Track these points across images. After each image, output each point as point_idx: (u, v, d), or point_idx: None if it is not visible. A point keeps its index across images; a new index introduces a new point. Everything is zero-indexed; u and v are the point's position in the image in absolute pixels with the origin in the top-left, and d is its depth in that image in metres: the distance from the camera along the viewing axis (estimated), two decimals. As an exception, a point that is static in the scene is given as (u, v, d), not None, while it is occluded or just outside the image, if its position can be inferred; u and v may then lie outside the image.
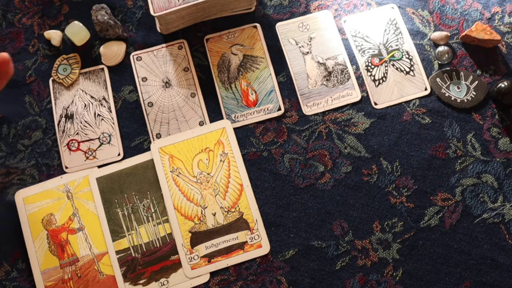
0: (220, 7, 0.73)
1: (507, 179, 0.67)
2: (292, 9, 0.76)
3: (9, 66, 0.60)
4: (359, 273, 0.64)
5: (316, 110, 0.71)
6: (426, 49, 0.73)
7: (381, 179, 0.68)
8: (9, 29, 0.75)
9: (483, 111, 0.70)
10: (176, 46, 0.74)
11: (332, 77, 0.72)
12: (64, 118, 0.71)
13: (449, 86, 0.71)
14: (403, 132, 0.69)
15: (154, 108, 0.71)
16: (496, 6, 0.75)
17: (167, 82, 0.72)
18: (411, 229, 0.66)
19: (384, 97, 0.71)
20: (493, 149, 0.68)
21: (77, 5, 0.76)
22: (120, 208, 0.67)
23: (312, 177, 0.68)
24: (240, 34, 0.74)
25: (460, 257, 0.64)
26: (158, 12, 0.69)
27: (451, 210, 0.66)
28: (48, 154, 0.70)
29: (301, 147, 0.69)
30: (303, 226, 0.66)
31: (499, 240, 0.65)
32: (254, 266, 0.65)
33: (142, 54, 0.74)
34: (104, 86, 0.72)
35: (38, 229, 0.66)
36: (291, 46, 0.74)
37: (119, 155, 0.69)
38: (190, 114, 0.71)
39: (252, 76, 0.73)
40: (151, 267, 0.65)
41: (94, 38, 0.75)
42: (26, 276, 0.65)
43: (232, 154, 0.69)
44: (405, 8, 0.75)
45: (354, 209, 0.67)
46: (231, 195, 0.67)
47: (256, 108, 0.71)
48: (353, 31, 0.74)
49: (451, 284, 0.63)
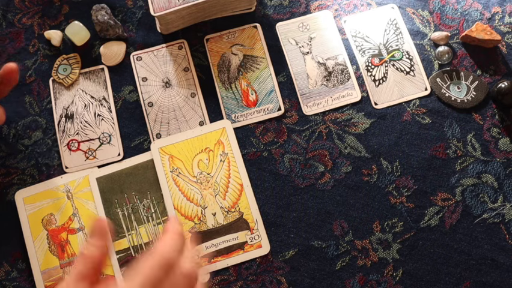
0: (220, 7, 0.73)
1: (507, 179, 0.67)
2: (292, 9, 0.76)
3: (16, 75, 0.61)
4: (359, 273, 0.64)
5: (317, 110, 0.71)
6: (426, 49, 0.73)
7: (381, 179, 0.68)
8: (9, 29, 0.75)
9: (483, 111, 0.70)
10: (177, 46, 0.74)
11: (332, 77, 0.72)
12: (64, 118, 0.71)
13: (449, 86, 0.71)
14: (403, 132, 0.69)
15: (154, 108, 0.71)
16: (496, 7, 0.75)
17: (168, 82, 0.72)
18: (411, 229, 0.66)
19: (384, 97, 0.71)
20: (493, 149, 0.68)
21: (77, 5, 0.76)
22: (120, 208, 0.67)
23: (312, 177, 0.68)
24: (240, 34, 0.74)
25: (460, 257, 0.64)
26: (159, 12, 0.69)
27: (451, 210, 0.66)
28: (48, 154, 0.70)
29: (302, 147, 0.69)
30: (303, 226, 0.66)
31: (499, 241, 0.65)
32: (254, 266, 0.65)
33: (142, 54, 0.74)
34: (104, 86, 0.72)
35: (38, 229, 0.66)
36: (291, 46, 0.74)
37: (119, 155, 0.69)
38: (190, 114, 0.71)
39: (252, 76, 0.72)
40: (151, 267, 0.65)
41: (94, 38, 0.75)
42: (26, 276, 0.65)
43: (232, 154, 0.69)
44: (406, 8, 0.75)
45: (354, 209, 0.67)
46: (231, 195, 0.67)
47: (256, 108, 0.71)
48: (353, 31, 0.74)
49: (451, 284, 0.63)
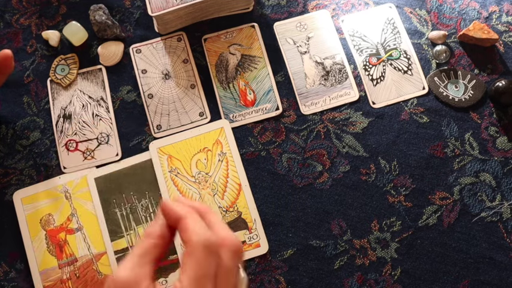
0: (218, 7, 0.73)
1: (505, 177, 0.67)
2: (290, 9, 0.76)
3: (11, 62, 0.61)
4: (357, 272, 0.64)
5: (315, 109, 0.71)
6: (424, 48, 0.73)
7: (380, 178, 0.68)
8: (7, 29, 0.75)
9: (481, 110, 0.70)
10: (176, 38, 0.74)
11: (330, 77, 0.72)
12: (62, 118, 0.71)
13: (447, 85, 0.71)
14: (401, 132, 0.69)
15: (154, 100, 0.71)
16: (493, 5, 0.75)
17: (167, 74, 0.72)
18: (410, 228, 0.66)
19: (382, 96, 0.71)
20: (490, 148, 0.69)
21: (75, 5, 0.76)
22: (118, 208, 0.67)
23: (310, 176, 0.68)
24: (238, 34, 0.74)
25: (458, 256, 0.64)
26: (156, 12, 0.69)
27: (449, 209, 0.66)
28: (46, 154, 0.70)
29: (300, 146, 0.69)
30: (302, 225, 0.66)
31: (497, 239, 0.65)
32: (252, 266, 0.65)
33: (141, 46, 0.74)
34: (102, 86, 0.72)
35: (37, 229, 0.66)
36: (288, 46, 0.74)
37: (117, 155, 0.69)
38: (190, 105, 0.71)
39: (250, 76, 0.73)
40: (150, 267, 0.65)
41: (92, 38, 0.75)
42: (24, 276, 0.65)
43: (231, 154, 0.69)
44: (403, 7, 0.75)
45: (353, 208, 0.67)
46: (229, 195, 0.67)
47: (254, 108, 0.71)
48: (351, 30, 0.75)
49: (449, 282, 0.63)
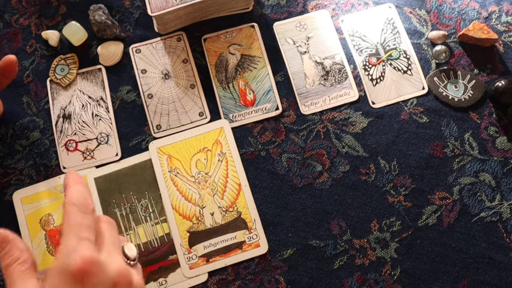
0: (218, 7, 0.73)
1: (504, 177, 0.67)
2: (289, 9, 0.76)
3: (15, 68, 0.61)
4: (357, 272, 0.64)
5: (314, 109, 0.71)
6: (423, 48, 0.73)
7: (379, 178, 0.68)
8: (7, 29, 0.75)
9: (480, 110, 0.70)
10: (175, 38, 0.74)
11: (330, 77, 0.72)
12: (62, 118, 0.71)
13: (447, 85, 0.71)
14: (401, 132, 0.69)
15: (153, 100, 0.71)
16: (493, 5, 0.75)
17: (167, 74, 0.72)
18: (409, 228, 0.66)
19: (381, 96, 0.71)
20: (490, 148, 0.69)
21: (74, 5, 0.76)
22: (118, 208, 0.67)
23: (310, 176, 0.68)
24: (238, 34, 0.74)
25: (457, 256, 0.64)
26: (156, 12, 0.69)
27: (449, 209, 0.66)
28: (46, 154, 0.70)
29: (299, 146, 0.69)
30: (301, 225, 0.66)
31: (496, 239, 0.65)
32: (252, 266, 0.65)
33: (141, 46, 0.74)
34: (101, 86, 0.72)
35: (36, 229, 0.66)
36: (288, 46, 0.74)
37: (117, 155, 0.69)
38: (189, 105, 0.71)
39: (250, 76, 0.73)
40: (149, 267, 0.65)
41: (92, 38, 0.75)
42: (24, 276, 0.65)
43: (230, 154, 0.69)
44: (403, 7, 0.75)
45: (352, 208, 0.67)
46: (229, 195, 0.67)
47: (254, 108, 0.71)
48: (351, 30, 0.75)
49: (448, 282, 0.63)
